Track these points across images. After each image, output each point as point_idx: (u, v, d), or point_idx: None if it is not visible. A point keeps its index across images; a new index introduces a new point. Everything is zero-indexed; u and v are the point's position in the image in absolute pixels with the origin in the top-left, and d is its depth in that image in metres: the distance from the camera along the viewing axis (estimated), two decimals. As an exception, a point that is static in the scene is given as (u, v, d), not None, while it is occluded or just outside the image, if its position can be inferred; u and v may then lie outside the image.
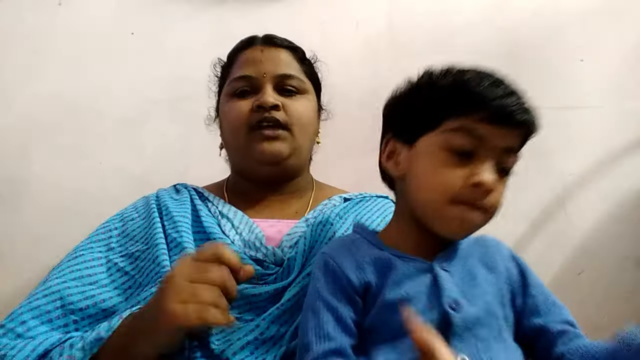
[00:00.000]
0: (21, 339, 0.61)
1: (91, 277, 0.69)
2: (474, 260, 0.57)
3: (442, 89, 0.55)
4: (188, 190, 0.84)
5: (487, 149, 0.52)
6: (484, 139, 0.51)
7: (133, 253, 0.73)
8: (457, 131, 0.52)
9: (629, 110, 1.27)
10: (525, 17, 1.32)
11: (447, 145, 0.53)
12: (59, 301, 0.65)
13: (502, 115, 0.51)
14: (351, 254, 0.56)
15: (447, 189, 0.52)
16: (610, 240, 1.22)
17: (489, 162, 0.52)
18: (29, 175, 1.19)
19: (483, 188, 0.51)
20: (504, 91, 0.52)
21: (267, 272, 0.68)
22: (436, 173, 0.53)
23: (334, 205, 0.82)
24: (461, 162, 0.52)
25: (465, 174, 0.51)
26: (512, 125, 0.52)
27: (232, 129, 0.82)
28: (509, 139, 0.53)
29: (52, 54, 1.25)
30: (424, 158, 0.55)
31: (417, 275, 0.53)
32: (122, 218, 0.80)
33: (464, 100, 0.52)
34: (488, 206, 0.52)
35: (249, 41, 0.87)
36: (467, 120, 0.52)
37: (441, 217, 0.53)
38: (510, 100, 0.52)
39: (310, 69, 0.90)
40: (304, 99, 0.84)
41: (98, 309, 0.66)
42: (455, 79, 0.55)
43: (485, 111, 0.51)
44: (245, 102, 0.81)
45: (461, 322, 0.49)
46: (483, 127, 0.51)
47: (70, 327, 0.64)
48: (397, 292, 0.51)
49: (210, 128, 0.95)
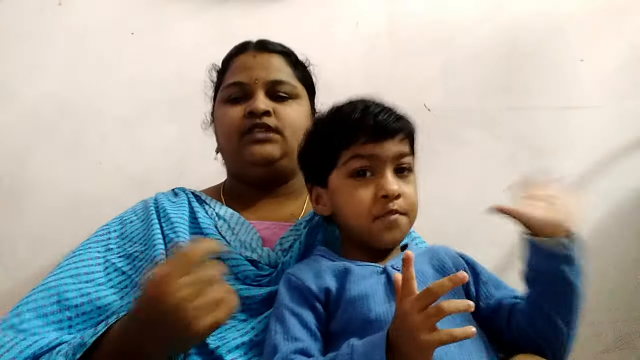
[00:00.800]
0: (12, 331, 0.61)
1: (88, 275, 0.70)
2: (423, 263, 0.63)
3: (327, 132, 0.66)
4: (186, 193, 0.85)
5: (381, 162, 0.61)
6: (374, 156, 0.61)
7: (131, 254, 0.74)
8: (351, 159, 0.62)
9: (629, 110, 1.27)
10: (525, 17, 1.32)
11: (348, 172, 0.62)
12: (55, 297, 0.66)
13: (379, 132, 0.61)
14: (310, 268, 0.63)
15: (365, 209, 0.61)
16: (610, 240, 1.22)
17: (387, 171, 0.61)
18: (29, 175, 1.19)
19: (390, 196, 0.60)
20: (373, 111, 0.62)
21: (261, 274, 0.69)
22: (351, 200, 0.62)
23: None
24: (366, 181, 0.61)
25: (373, 191, 0.61)
26: (390, 136, 0.62)
27: (225, 135, 0.85)
28: (394, 147, 0.62)
29: (52, 54, 1.25)
30: (338, 191, 0.64)
31: (372, 276, 0.60)
32: (121, 221, 0.81)
33: (346, 134, 0.63)
34: (404, 208, 0.61)
35: (242, 47, 0.89)
36: (354, 147, 0.62)
37: (371, 233, 0.61)
38: (381, 118, 0.62)
39: (303, 72, 0.91)
40: (295, 104, 0.85)
41: (93, 306, 0.66)
42: (333, 119, 0.66)
43: (364, 134, 0.61)
44: (237, 108, 0.83)
45: None
46: (369, 147, 0.61)
47: (64, 324, 0.64)
48: (357, 289, 0.57)
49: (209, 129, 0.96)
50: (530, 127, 1.28)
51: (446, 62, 1.31)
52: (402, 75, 1.29)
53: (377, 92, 0.67)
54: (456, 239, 0.84)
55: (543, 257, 0.57)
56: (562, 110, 1.28)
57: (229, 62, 0.89)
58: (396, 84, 1.26)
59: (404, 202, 0.61)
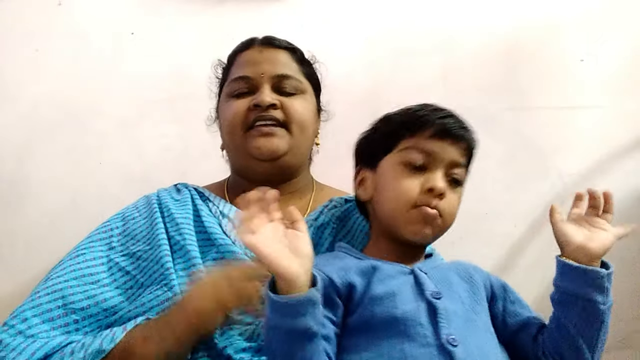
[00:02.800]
0: (22, 337, 0.61)
1: (92, 277, 0.69)
2: (450, 271, 0.64)
3: (395, 119, 0.68)
4: (189, 190, 0.84)
5: (436, 161, 0.63)
6: (432, 153, 0.63)
7: (134, 253, 0.73)
8: (410, 149, 0.64)
9: (629, 110, 1.27)
10: (525, 17, 1.32)
11: (403, 161, 0.64)
12: (60, 300, 0.65)
13: (444, 132, 0.63)
14: (334, 263, 0.62)
15: (407, 196, 0.62)
16: (610, 240, 1.22)
17: (438, 172, 0.63)
18: (29, 175, 1.19)
19: (436, 192, 0.61)
20: (444, 114, 0.65)
21: (266, 274, 0.68)
22: (397, 184, 0.63)
23: (334, 207, 0.81)
24: (416, 174, 0.63)
25: (421, 182, 0.62)
26: (453, 139, 0.64)
27: (229, 128, 0.82)
28: (453, 152, 0.64)
29: (52, 54, 1.25)
30: (386, 175, 0.66)
31: (399, 275, 0.60)
32: (123, 217, 0.80)
33: (412, 124, 0.65)
34: (442, 210, 0.62)
35: (248, 42, 0.87)
36: (416, 139, 0.64)
37: (405, 220, 0.62)
38: (449, 120, 0.64)
39: (310, 70, 0.89)
40: (302, 99, 0.84)
41: (99, 309, 0.66)
42: (404, 111, 0.68)
43: (430, 130, 0.63)
44: (242, 101, 0.81)
45: (444, 308, 0.55)
46: (430, 143, 0.63)
47: (70, 327, 0.64)
48: (383, 288, 0.57)
49: (211, 128, 0.95)
50: (530, 127, 1.28)
51: (446, 62, 1.31)
52: (402, 75, 1.29)
53: (377, 92, 0.68)
54: (456, 238, 0.84)
55: (578, 282, 0.57)
56: (562, 110, 1.28)
57: (235, 57, 0.88)
58: (396, 84, 1.26)
59: (445, 205, 0.62)
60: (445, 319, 0.54)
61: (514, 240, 1.22)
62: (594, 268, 0.57)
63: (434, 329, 0.52)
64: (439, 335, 0.52)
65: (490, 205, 1.24)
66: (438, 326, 0.53)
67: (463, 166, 0.66)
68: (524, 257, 1.22)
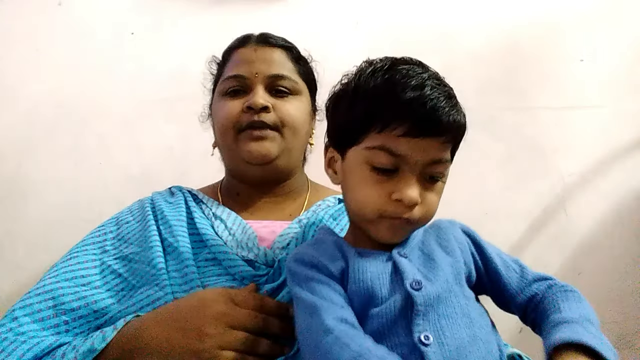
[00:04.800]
0: (12, 333, 0.61)
1: (84, 279, 0.69)
2: (431, 244, 0.58)
3: (365, 96, 0.54)
4: (182, 192, 0.84)
5: (409, 164, 0.51)
6: (404, 157, 0.51)
7: (127, 255, 0.73)
8: (376, 150, 0.52)
9: (629, 110, 1.27)
10: (525, 17, 1.32)
11: (369, 162, 0.53)
12: (51, 301, 0.65)
13: (421, 126, 0.50)
14: (321, 249, 0.57)
15: (373, 205, 0.53)
16: (610, 240, 1.22)
17: (411, 177, 0.52)
18: (29, 175, 1.19)
19: (407, 204, 0.51)
20: (427, 97, 0.50)
21: (258, 273, 0.68)
22: (362, 189, 0.54)
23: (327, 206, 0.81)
24: (384, 178, 0.52)
25: (388, 191, 0.52)
26: (434, 135, 0.51)
27: (221, 129, 0.82)
28: (432, 151, 0.52)
29: (52, 54, 1.25)
30: (352, 172, 0.56)
31: (378, 265, 0.54)
32: (117, 221, 0.80)
33: (382, 114, 0.51)
34: (415, 219, 0.53)
35: (243, 40, 0.86)
36: (387, 137, 0.51)
37: (373, 227, 0.55)
38: (432, 107, 0.50)
39: (305, 69, 0.89)
40: (296, 100, 0.83)
41: (90, 310, 0.66)
42: (378, 85, 0.53)
43: (405, 125, 0.50)
44: (236, 102, 0.80)
45: (423, 300, 0.50)
46: (402, 143, 0.51)
47: (60, 328, 0.64)
48: (361, 280, 0.53)
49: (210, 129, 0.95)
50: (530, 127, 1.28)
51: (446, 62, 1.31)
52: (402, 75, 1.29)
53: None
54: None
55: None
56: (562, 110, 1.28)
57: (230, 54, 0.87)
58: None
59: (419, 211, 0.53)
60: (421, 313, 0.49)
61: (514, 240, 1.22)
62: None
63: (408, 326, 0.48)
64: (412, 333, 0.48)
65: (490, 205, 1.24)
66: (412, 323, 0.48)
67: (444, 161, 0.54)
68: (524, 257, 1.22)
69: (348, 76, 0.60)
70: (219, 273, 0.67)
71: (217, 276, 0.67)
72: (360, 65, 0.59)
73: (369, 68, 0.56)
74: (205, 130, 0.96)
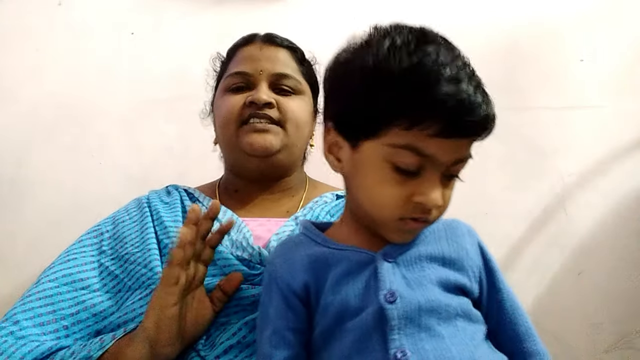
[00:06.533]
0: (12, 337, 0.61)
1: (83, 282, 0.69)
2: (432, 244, 0.54)
3: (389, 83, 0.45)
4: (179, 191, 0.84)
5: (436, 165, 0.47)
6: (434, 156, 0.46)
7: (123, 256, 0.72)
8: (403, 148, 0.46)
9: (629, 110, 1.27)
10: (525, 17, 1.32)
11: (391, 161, 0.47)
12: (50, 306, 0.65)
13: (456, 127, 0.44)
14: (290, 259, 0.54)
15: (394, 207, 0.48)
16: (610, 240, 1.22)
17: (435, 178, 0.48)
18: (29, 175, 1.19)
19: (428, 207, 0.48)
20: (464, 93, 0.44)
21: (252, 273, 0.67)
22: (382, 190, 0.48)
23: (325, 203, 0.81)
24: (407, 179, 0.47)
25: (410, 192, 0.47)
26: (465, 135, 0.47)
27: (223, 122, 0.82)
28: (460, 150, 0.48)
29: (52, 54, 1.25)
30: (368, 169, 0.49)
31: (357, 270, 0.51)
32: (113, 221, 0.80)
33: (411, 109, 0.44)
34: (433, 219, 0.50)
35: (249, 38, 0.86)
36: (415, 136, 0.45)
37: (387, 228, 0.51)
38: (468, 105, 0.44)
39: (309, 70, 0.89)
40: (299, 100, 0.83)
41: (89, 314, 0.66)
42: (404, 70, 0.44)
43: (439, 124, 0.44)
44: (238, 96, 0.80)
45: (398, 314, 0.46)
46: (434, 143, 0.45)
47: (60, 333, 0.64)
48: (336, 292, 0.50)
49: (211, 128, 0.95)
50: (530, 127, 1.28)
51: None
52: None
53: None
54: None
55: None
56: (562, 110, 1.28)
57: (235, 52, 0.87)
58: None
59: (437, 212, 0.50)
60: (396, 328, 0.46)
61: (514, 240, 1.22)
62: None
63: (383, 341, 0.46)
64: (388, 348, 0.45)
65: (490, 205, 1.24)
66: (387, 338, 0.45)
67: (469, 157, 0.50)
68: (524, 257, 1.22)
69: (356, 44, 0.53)
70: (213, 273, 0.67)
71: (211, 276, 0.66)
72: (372, 33, 0.52)
73: (386, 41, 0.48)
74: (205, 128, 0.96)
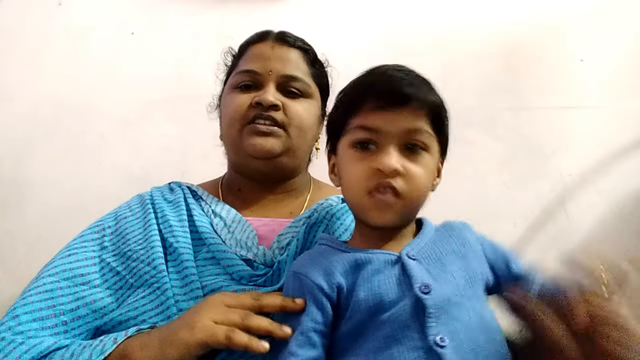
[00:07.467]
0: (10, 332, 0.61)
1: (84, 277, 0.69)
2: (443, 245, 0.59)
3: (344, 96, 0.63)
4: (182, 189, 0.83)
5: (384, 136, 0.56)
6: (377, 128, 0.56)
7: (125, 252, 0.72)
8: (356, 128, 0.57)
9: (629, 110, 1.27)
10: (525, 17, 1.32)
11: (351, 142, 0.58)
12: (50, 301, 0.65)
13: (387, 100, 0.55)
14: (319, 264, 0.58)
15: (360, 181, 0.56)
16: (611, 240, 1.22)
17: (389, 147, 0.55)
18: (29, 175, 1.19)
19: (386, 171, 0.54)
20: (388, 75, 0.57)
21: (256, 274, 0.67)
22: (350, 169, 0.58)
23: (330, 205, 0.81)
24: (367, 155, 0.56)
25: (370, 164, 0.55)
26: (400, 105, 0.55)
27: (229, 121, 0.81)
28: (403, 120, 0.55)
29: (52, 54, 1.26)
30: (341, 160, 0.61)
31: (386, 268, 0.55)
32: (115, 217, 0.79)
33: (353, 99, 0.59)
34: (402, 189, 0.55)
35: (262, 35, 0.85)
36: (360, 116, 0.57)
37: (364, 207, 0.57)
38: (392, 82, 0.56)
39: (320, 72, 0.87)
40: (306, 103, 0.82)
41: (89, 310, 0.66)
42: (350, 84, 0.62)
43: (371, 101, 0.56)
44: (245, 96, 0.80)
45: (434, 303, 0.50)
46: (373, 116, 0.56)
47: (59, 328, 0.64)
48: (369, 288, 0.54)
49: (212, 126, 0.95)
50: (530, 127, 1.28)
51: (446, 62, 1.31)
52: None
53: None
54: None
55: None
56: (562, 110, 1.28)
57: (246, 48, 0.85)
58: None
59: (404, 182, 0.55)
60: (434, 316, 0.50)
61: (514, 240, 1.22)
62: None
63: (422, 330, 0.49)
64: (427, 336, 0.49)
65: (490, 205, 1.24)
66: (426, 326, 0.49)
67: (424, 131, 0.56)
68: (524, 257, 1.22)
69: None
70: (217, 272, 0.67)
71: (215, 275, 0.66)
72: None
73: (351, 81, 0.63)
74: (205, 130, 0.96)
